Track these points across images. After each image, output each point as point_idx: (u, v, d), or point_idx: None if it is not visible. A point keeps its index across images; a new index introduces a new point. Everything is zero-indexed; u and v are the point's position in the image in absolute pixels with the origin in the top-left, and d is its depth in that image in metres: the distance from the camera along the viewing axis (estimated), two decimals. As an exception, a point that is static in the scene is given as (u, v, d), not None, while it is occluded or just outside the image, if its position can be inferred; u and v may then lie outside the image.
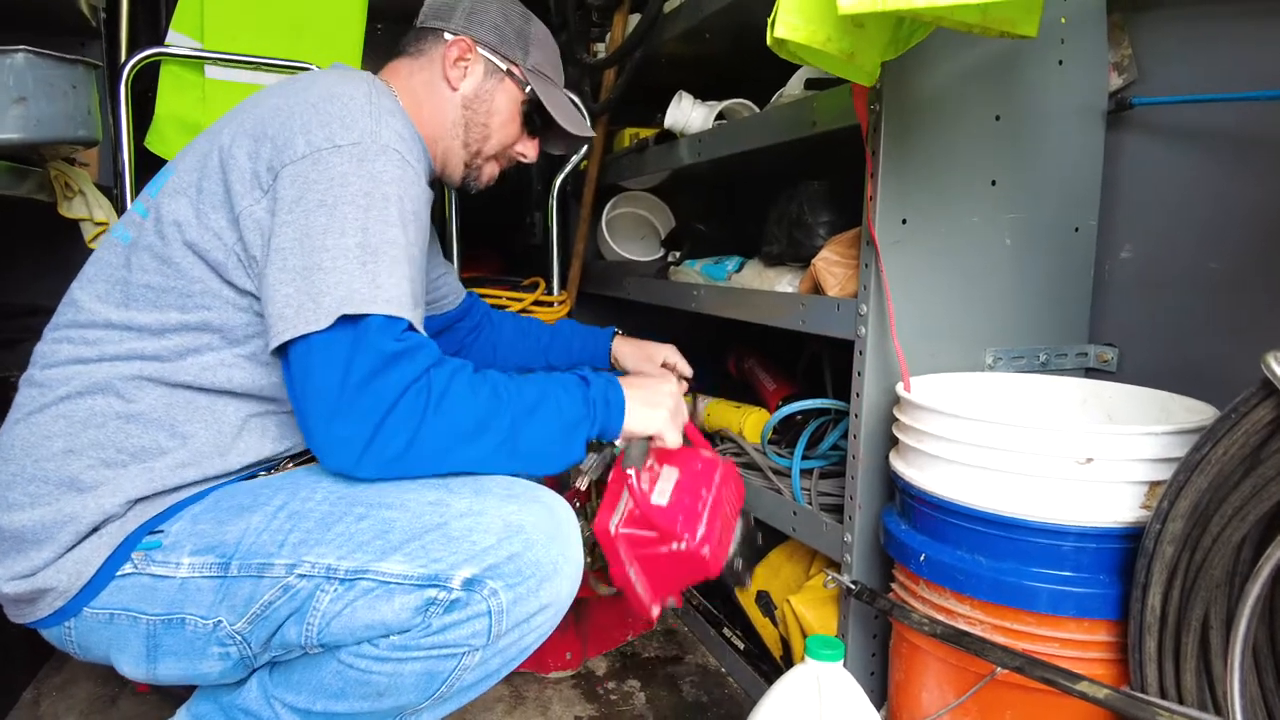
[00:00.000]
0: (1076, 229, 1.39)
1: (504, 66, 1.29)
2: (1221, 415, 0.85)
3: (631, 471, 1.09)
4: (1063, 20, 1.33)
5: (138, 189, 1.89)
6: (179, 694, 1.27)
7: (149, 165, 1.99)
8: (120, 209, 1.82)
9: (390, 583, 0.93)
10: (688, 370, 1.62)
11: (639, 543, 1.09)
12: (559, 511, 1.02)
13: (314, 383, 0.94)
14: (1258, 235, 1.22)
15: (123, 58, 1.89)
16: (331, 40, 2.05)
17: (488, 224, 2.44)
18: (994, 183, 1.31)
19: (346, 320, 0.94)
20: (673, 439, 1.18)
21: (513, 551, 0.94)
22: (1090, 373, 1.43)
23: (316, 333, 0.94)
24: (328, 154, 0.98)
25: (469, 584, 0.92)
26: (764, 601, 1.62)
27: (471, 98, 1.28)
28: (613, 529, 1.08)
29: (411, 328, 0.99)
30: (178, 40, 1.95)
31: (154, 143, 1.98)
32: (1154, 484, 0.96)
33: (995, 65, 1.29)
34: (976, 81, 1.28)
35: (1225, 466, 0.82)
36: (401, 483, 1.00)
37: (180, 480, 1.02)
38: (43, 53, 1.35)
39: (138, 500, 1.00)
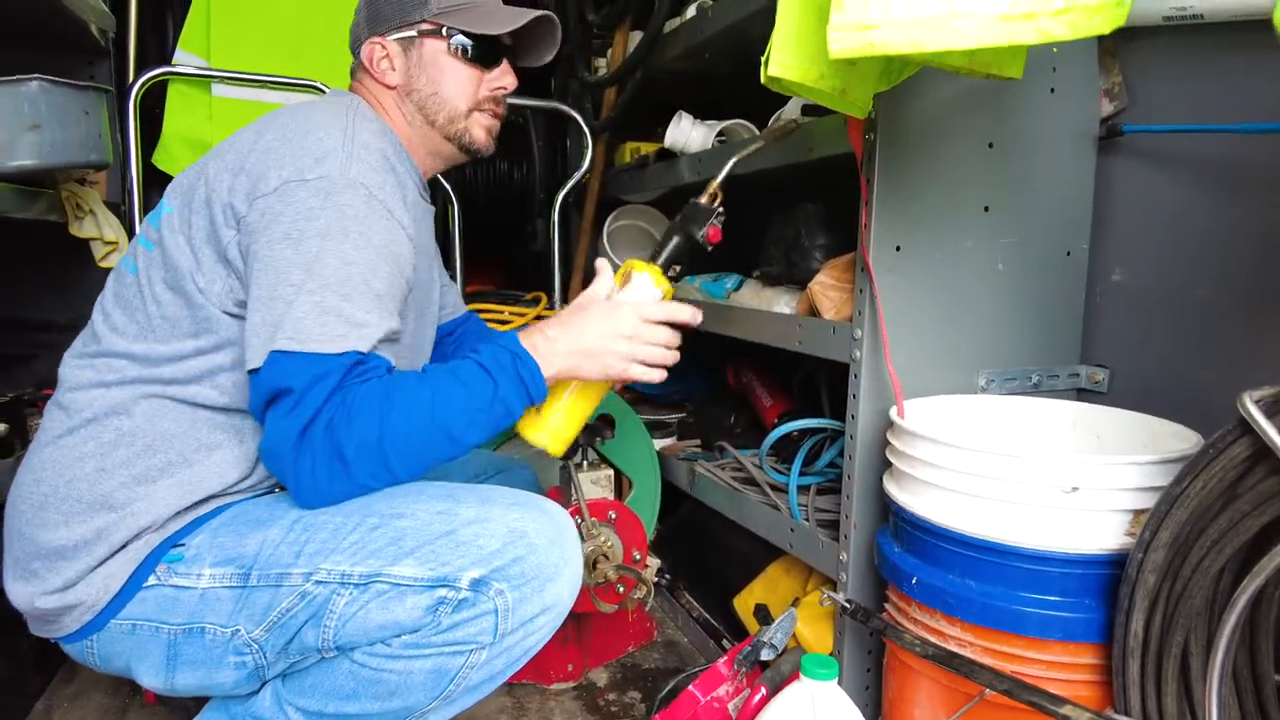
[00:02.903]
0: (1068, 253, 1.42)
1: (412, 33, 1.25)
2: (1199, 450, 0.87)
3: None
4: (1054, 49, 1.35)
5: (146, 205, 1.92)
6: (188, 705, 1.30)
7: (157, 182, 2.03)
8: (129, 226, 1.85)
9: (402, 584, 0.98)
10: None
11: None
12: (560, 520, 1.07)
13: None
14: (1244, 264, 1.25)
15: (131, 77, 1.92)
16: (338, 58, 2.06)
17: (491, 222, 2.47)
18: (987, 209, 1.33)
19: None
20: (638, 373, 1.17)
21: (517, 555, 1.00)
22: (1082, 393, 1.45)
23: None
24: (295, 187, 1.02)
25: (476, 584, 0.98)
26: (762, 614, 1.65)
27: (406, 81, 1.26)
28: None
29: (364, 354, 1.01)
30: (185, 59, 1.99)
31: (162, 160, 2.01)
32: (1138, 512, 0.99)
33: (988, 93, 1.31)
34: (969, 110, 1.31)
35: (1204, 500, 0.85)
36: (410, 494, 1.05)
37: (208, 491, 1.08)
38: (56, 80, 1.38)
39: (168, 517, 1.05)
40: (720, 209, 1.27)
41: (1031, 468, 1.00)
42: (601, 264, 1.27)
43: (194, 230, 1.08)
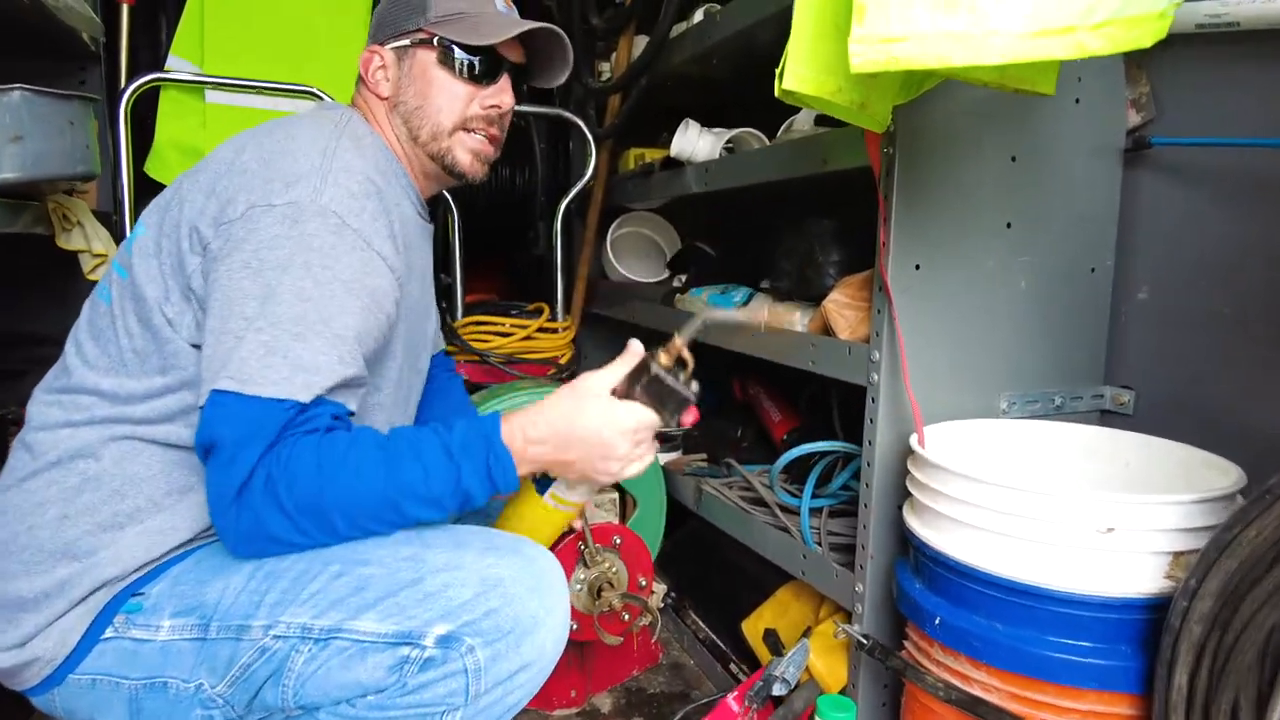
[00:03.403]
0: (1093, 269, 1.37)
1: (406, 42, 1.17)
2: (1254, 497, 0.82)
3: None
4: (1080, 57, 1.29)
5: (137, 214, 1.87)
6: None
7: (149, 191, 1.98)
8: (118, 237, 1.79)
9: (364, 641, 0.91)
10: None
11: None
12: (541, 564, 0.99)
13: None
14: (1275, 282, 1.19)
15: (122, 83, 1.87)
16: (335, 63, 2.02)
17: (492, 227, 2.42)
18: (1009, 225, 1.28)
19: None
20: (632, 471, 1.07)
21: (490, 607, 0.92)
22: (1106, 415, 1.40)
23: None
24: (260, 213, 0.95)
25: (444, 641, 0.90)
26: (772, 641, 1.59)
27: (395, 93, 1.19)
28: None
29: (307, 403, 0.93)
30: (178, 65, 1.94)
31: (154, 168, 1.96)
32: (1177, 554, 0.93)
33: (1011, 105, 1.26)
34: (992, 122, 1.25)
35: (1256, 550, 0.80)
36: (379, 538, 0.97)
37: (181, 538, 1.01)
38: (39, 90, 1.33)
39: (135, 567, 0.99)
40: (693, 389, 1.05)
41: (1064, 506, 0.95)
42: (633, 345, 1.09)
43: (164, 255, 1.01)
